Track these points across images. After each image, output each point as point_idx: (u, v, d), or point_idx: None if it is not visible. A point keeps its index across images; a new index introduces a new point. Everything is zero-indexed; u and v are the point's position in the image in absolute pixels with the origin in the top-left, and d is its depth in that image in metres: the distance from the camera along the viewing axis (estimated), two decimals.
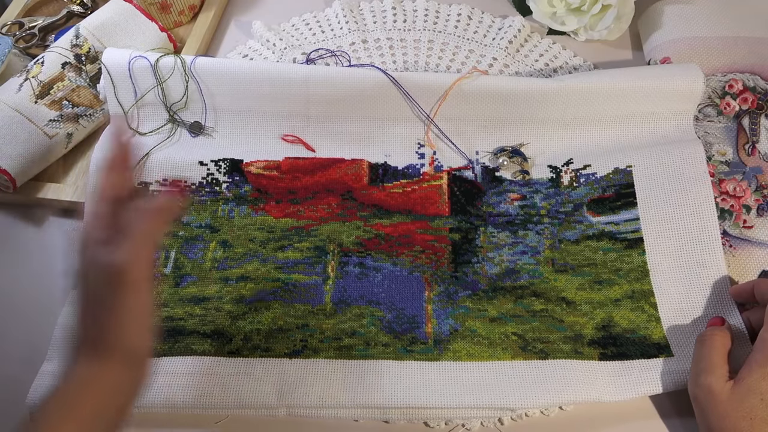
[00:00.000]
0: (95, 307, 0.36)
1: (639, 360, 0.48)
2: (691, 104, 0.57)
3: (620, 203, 0.55)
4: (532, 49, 0.68)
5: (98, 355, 0.36)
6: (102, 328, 0.36)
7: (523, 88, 0.57)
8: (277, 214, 0.55)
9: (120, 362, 0.36)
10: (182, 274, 0.52)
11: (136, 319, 0.36)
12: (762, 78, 0.61)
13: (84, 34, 0.60)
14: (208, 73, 0.58)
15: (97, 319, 0.36)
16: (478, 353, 0.48)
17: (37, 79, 0.57)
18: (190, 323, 0.50)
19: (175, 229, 0.54)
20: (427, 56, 0.67)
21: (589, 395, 0.46)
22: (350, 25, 0.69)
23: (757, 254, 0.53)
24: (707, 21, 0.65)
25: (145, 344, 0.37)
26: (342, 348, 0.49)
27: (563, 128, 0.58)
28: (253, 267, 0.53)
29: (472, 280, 0.52)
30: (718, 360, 0.44)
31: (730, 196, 0.55)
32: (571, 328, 0.50)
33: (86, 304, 0.37)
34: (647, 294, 0.51)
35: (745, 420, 0.40)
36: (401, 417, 0.47)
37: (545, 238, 0.54)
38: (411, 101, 0.58)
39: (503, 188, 0.57)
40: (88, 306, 0.37)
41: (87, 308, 0.37)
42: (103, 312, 0.36)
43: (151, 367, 0.38)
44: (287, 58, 0.67)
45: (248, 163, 0.57)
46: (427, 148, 0.59)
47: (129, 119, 0.58)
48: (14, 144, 0.55)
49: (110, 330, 0.36)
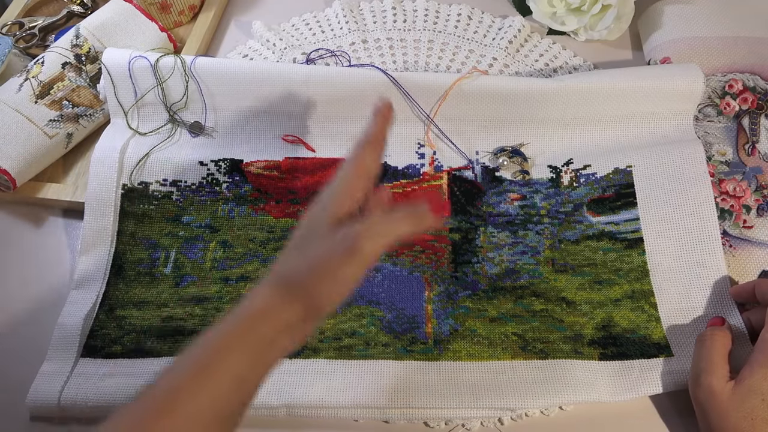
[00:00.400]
0: (312, 257, 0.37)
1: (639, 360, 0.48)
2: (691, 104, 0.57)
3: (620, 203, 0.55)
4: (532, 49, 0.68)
5: (290, 294, 0.36)
6: (310, 275, 0.37)
7: (523, 88, 0.57)
8: (277, 214, 0.55)
9: (303, 310, 0.36)
10: (182, 274, 0.52)
11: (341, 286, 0.37)
12: (762, 78, 0.61)
13: (84, 34, 0.60)
14: (208, 73, 0.58)
15: (310, 267, 0.37)
16: (478, 353, 0.48)
17: (37, 79, 0.57)
18: (191, 323, 0.50)
19: (175, 229, 0.54)
20: (427, 56, 0.67)
21: (589, 395, 0.46)
22: (350, 25, 0.69)
23: (757, 254, 0.53)
24: (707, 21, 0.65)
25: (330, 309, 0.38)
26: (342, 348, 0.49)
27: (563, 128, 0.58)
28: (253, 267, 0.53)
29: (472, 280, 0.52)
30: (719, 360, 0.44)
31: (730, 196, 0.55)
32: (571, 328, 0.49)
33: (302, 250, 0.38)
34: (647, 294, 0.51)
35: (746, 420, 0.40)
36: (401, 417, 0.47)
37: (545, 238, 0.54)
38: (411, 101, 0.58)
39: (503, 188, 0.57)
40: (304, 252, 0.38)
41: (301, 253, 0.38)
42: (319, 265, 0.37)
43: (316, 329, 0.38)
44: (287, 58, 0.67)
45: (248, 163, 0.57)
46: (427, 148, 0.59)
47: (129, 119, 0.58)
48: (14, 144, 0.55)
49: (317, 282, 0.36)
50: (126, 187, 0.55)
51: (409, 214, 0.38)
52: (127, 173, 0.56)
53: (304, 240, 0.39)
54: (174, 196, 0.56)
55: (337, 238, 0.37)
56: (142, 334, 0.50)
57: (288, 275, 0.37)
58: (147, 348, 0.49)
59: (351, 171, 0.40)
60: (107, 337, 0.49)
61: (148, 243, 0.54)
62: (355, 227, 0.37)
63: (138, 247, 0.54)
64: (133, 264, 0.53)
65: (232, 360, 0.34)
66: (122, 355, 0.49)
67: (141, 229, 0.54)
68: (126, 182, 0.55)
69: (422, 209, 0.39)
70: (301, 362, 0.48)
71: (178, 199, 0.56)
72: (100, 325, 0.50)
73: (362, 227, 0.37)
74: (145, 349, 0.49)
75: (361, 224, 0.37)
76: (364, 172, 0.40)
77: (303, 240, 0.39)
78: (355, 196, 0.39)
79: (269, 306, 0.36)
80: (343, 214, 0.38)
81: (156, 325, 0.50)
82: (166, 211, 0.55)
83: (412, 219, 0.38)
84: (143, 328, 0.50)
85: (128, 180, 0.55)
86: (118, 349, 0.49)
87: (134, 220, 0.54)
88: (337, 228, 0.37)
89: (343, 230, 0.37)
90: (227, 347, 0.34)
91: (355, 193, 0.39)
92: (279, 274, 0.38)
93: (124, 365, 0.48)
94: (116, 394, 0.46)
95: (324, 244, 0.37)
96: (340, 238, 0.37)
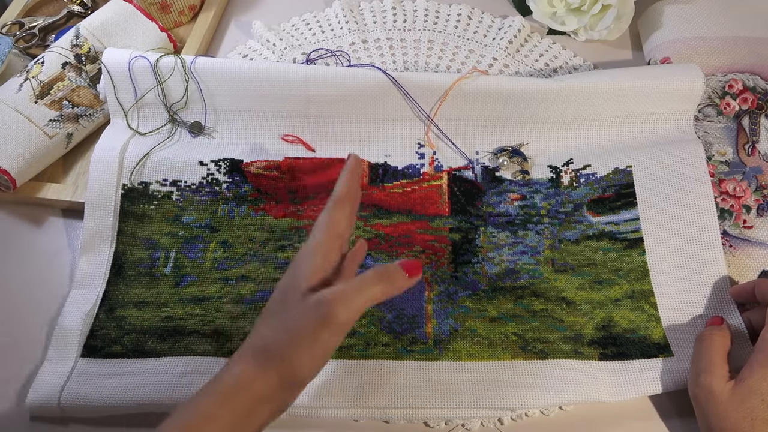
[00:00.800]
0: (287, 325, 0.37)
1: (639, 360, 0.48)
2: (691, 104, 0.57)
3: (620, 203, 0.55)
4: (532, 49, 0.68)
5: (265, 364, 0.37)
6: (285, 344, 0.37)
7: (523, 88, 0.57)
8: (277, 214, 0.55)
9: (278, 379, 0.37)
10: (182, 274, 0.52)
11: (318, 353, 0.37)
12: (762, 78, 0.61)
13: (84, 34, 0.60)
14: (208, 73, 0.58)
15: (285, 336, 0.37)
16: (478, 353, 0.48)
17: (37, 79, 0.57)
18: (190, 323, 0.50)
19: (175, 229, 0.54)
20: (427, 56, 0.67)
21: (589, 395, 0.46)
22: (350, 25, 0.69)
23: (757, 254, 0.53)
24: (707, 21, 0.65)
25: (309, 376, 0.38)
26: (342, 348, 0.49)
27: (563, 128, 0.58)
28: (253, 267, 0.53)
29: (472, 280, 0.52)
30: (718, 360, 0.44)
31: (730, 196, 0.55)
32: (571, 328, 0.49)
33: (277, 317, 0.38)
34: (647, 294, 0.51)
35: (746, 420, 0.40)
36: (401, 417, 0.47)
37: (545, 238, 0.54)
38: (411, 101, 0.58)
39: (503, 188, 0.57)
40: (279, 320, 0.38)
41: (276, 321, 0.38)
42: (294, 333, 0.37)
43: (295, 398, 0.39)
44: (287, 58, 0.67)
45: (248, 163, 0.57)
46: (427, 148, 0.59)
47: (129, 119, 0.58)
48: (14, 144, 0.55)
49: (292, 351, 0.37)
50: (126, 187, 0.55)
51: (381, 276, 0.38)
52: (127, 173, 0.56)
53: (280, 306, 0.39)
54: (174, 196, 0.56)
55: (311, 305, 0.37)
56: (142, 334, 0.50)
57: (262, 345, 0.37)
58: (147, 348, 0.49)
59: (325, 235, 0.40)
60: (107, 337, 0.49)
61: (148, 243, 0.54)
62: (327, 293, 0.37)
63: (138, 247, 0.54)
64: (133, 264, 0.53)
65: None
66: (122, 355, 0.49)
67: (141, 229, 0.54)
68: (126, 182, 0.55)
69: (393, 269, 0.39)
70: None
71: (178, 199, 0.56)
72: (100, 325, 0.50)
73: (335, 294, 0.37)
74: (145, 349, 0.49)
75: (333, 290, 0.37)
76: (338, 234, 0.40)
77: (278, 306, 0.39)
78: (331, 258, 0.40)
79: (244, 377, 0.36)
80: (317, 281, 0.39)
81: (156, 325, 0.50)
82: (166, 211, 0.55)
83: (384, 281, 0.38)
84: (143, 328, 0.50)
85: (128, 180, 0.55)
86: (118, 349, 0.49)
87: (134, 220, 0.54)
88: (311, 294, 0.38)
89: (316, 296, 0.37)
90: (206, 419, 0.35)
91: (330, 256, 0.40)
92: (253, 343, 0.38)
93: (124, 365, 0.48)
94: (116, 394, 0.46)
95: (299, 312, 0.37)
96: (314, 304, 0.37)
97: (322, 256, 0.39)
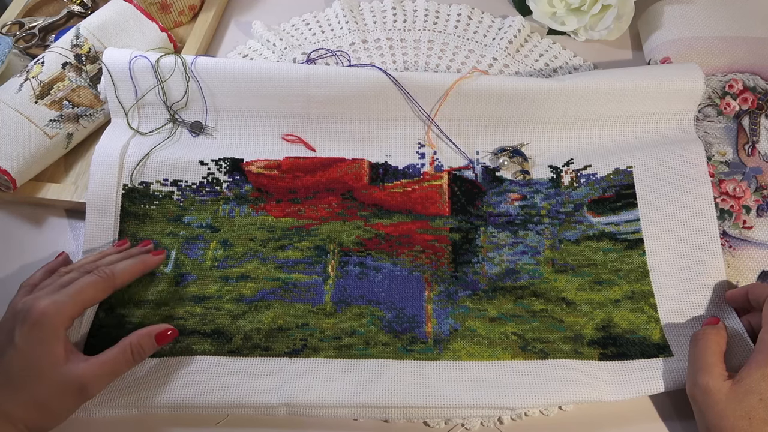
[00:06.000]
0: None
1: (639, 360, 0.48)
2: (691, 104, 0.57)
3: (620, 204, 0.55)
4: (532, 49, 0.68)
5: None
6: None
7: (524, 88, 0.57)
8: (277, 214, 0.55)
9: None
10: (182, 273, 0.52)
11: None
12: (762, 78, 0.61)
13: (84, 34, 0.60)
14: (209, 73, 0.58)
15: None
16: (478, 353, 0.48)
17: (38, 80, 0.58)
18: (191, 323, 0.50)
19: (176, 229, 0.54)
20: (427, 56, 0.67)
21: (589, 395, 0.46)
22: (350, 25, 0.69)
23: (756, 255, 0.53)
24: (707, 21, 0.65)
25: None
26: (342, 347, 0.49)
27: (564, 128, 0.58)
28: (253, 266, 0.53)
29: (472, 280, 0.52)
30: (714, 359, 0.44)
31: (730, 197, 0.55)
32: (570, 329, 0.50)
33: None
34: (647, 295, 0.51)
35: (743, 420, 0.40)
36: (401, 416, 0.47)
37: (545, 239, 0.54)
38: (411, 101, 0.58)
39: (504, 188, 0.57)
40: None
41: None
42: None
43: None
44: (287, 58, 0.67)
45: (249, 163, 0.57)
46: (428, 147, 0.59)
47: (129, 119, 0.58)
48: (14, 144, 0.55)
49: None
50: (127, 187, 0.55)
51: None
52: (127, 173, 0.56)
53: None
54: (175, 196, 0.56)
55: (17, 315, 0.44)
56: None
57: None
58: None
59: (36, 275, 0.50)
60: (107, 336, 0.49)
61: None
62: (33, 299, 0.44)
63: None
64: None
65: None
66: None
67: (142, 229, 0.54)
68: (127, 182, 0.55)
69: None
70: (300, 361, 0.48)
71: (179, 198, 0.56)
72: (100, 324, 0.50)
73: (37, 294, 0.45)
74: None
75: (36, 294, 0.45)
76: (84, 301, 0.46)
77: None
78: (38, 283, 0.49)
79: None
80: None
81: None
82: (167, 211, 0.55)
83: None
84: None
85: (129, 180, 0.55)
86: None
87: (135, 220, 0.54)
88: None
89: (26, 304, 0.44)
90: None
91: (37, 282, 0.49)
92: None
93: None
94: (116, 394, 0.46)
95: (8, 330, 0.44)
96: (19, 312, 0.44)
97: (28, 287, 0.48)
